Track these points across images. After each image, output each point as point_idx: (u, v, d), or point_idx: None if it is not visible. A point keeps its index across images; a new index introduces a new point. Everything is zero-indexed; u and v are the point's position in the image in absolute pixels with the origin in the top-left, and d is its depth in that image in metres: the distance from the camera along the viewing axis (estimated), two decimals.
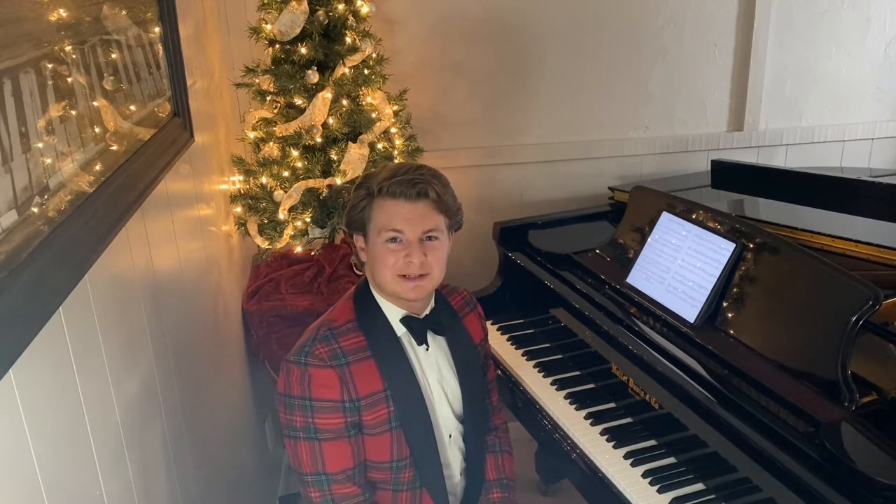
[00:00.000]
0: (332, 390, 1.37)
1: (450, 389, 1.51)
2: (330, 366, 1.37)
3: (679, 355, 1.69)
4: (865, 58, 2.86)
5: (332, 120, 2.20)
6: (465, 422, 1.54)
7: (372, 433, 1.42)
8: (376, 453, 1.44)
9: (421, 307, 1.47)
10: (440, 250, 1.41)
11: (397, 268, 1.39)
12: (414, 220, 1.37)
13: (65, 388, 1.02)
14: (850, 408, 1.41)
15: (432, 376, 1.49)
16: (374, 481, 1.48)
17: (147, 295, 1.42)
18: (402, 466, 1.45)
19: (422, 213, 1.38)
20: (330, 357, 1.37)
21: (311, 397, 1.36)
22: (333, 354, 1.38)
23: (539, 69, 2.71)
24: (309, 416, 1.37)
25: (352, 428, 1.40)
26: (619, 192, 2.44)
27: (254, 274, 2.48)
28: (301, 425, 1.38)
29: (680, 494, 1.56)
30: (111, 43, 1.29)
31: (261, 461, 2.51)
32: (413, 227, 1.37)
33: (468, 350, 1.55)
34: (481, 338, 1.61)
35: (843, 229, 1.91)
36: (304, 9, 2.12)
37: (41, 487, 0.91)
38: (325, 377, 1.37)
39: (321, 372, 1.37)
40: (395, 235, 1.38)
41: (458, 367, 1.52)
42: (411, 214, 1.37)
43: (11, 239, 0.86)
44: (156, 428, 1.43)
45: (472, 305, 1.62)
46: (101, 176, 1.18)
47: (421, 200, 1.38)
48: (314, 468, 1.39)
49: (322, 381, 1.36)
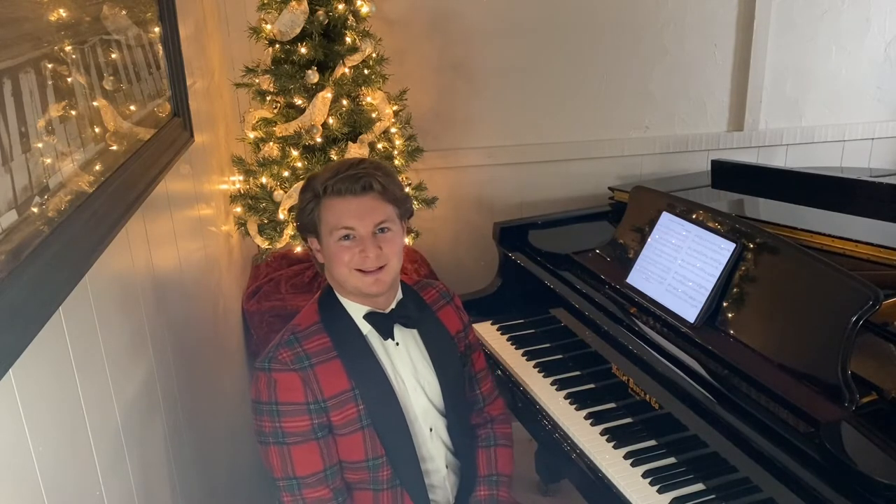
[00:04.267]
0: (295, 393, 1.38)
1: (426, 383, 1.51)
2: (293, 369, 1.38)
3: (679, 355, 1.69)
4: (865, 58, 2.86)
5: (332, 120, 2.20)
6: (448, 414, 1.53)
7: (342, 433, 1.42)
8: (350, 453, 1.44)
9: (385, 302, 1.47)
10: (394, 241, 1.41)
11: (353, 263, 1.39)
12: (364, 215, 1.37)
13: (65, 388, 1.02)
14: (850, 408, 1.41)
15: (405, 371, 1.48)
16: (352, 482, 1.47)
17: (147, 295, 1.42)
18: (378, 465, 1.45)
19: (370, 206, 1.37)
20: (293, 361, 1.38)
21: (278, 401, 1.37)
22: (297, 358, 1.39)
23: (539, 69, 2.71)
24: (276, 420, 1.38)
25: (319, 430, 1.40)
26: (619, 192, 2.44)
27: (254, 274, 2.48)
28: (269, 430, 1.39)
29: (680, 494, 1.56)
30: (111, 43, 1.29)
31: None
32: (364, 222, 1.37)
33: (443, 342, 1.54)
34: (458, 329, 1.59)
35: (843, 229, 1.91)
36: (304, 9, 2.12)
37: (41, 487, 0.91)
38: (289, 381, 1.38)
39: (285, 376, 1.38)
40: (347, 233, 1.38)
41: (434, 359, 1.51)
42: (360, 209, 1.37)
43: (11, 239, 0.86)
44: (156, 428, 1.43)
45: (447, 298, 1.61)
46: (101, 176, 1.18)
47: (367, 194, 1.37)
48: (284, 472, 1.40)
49: (286, 385, 1.37)
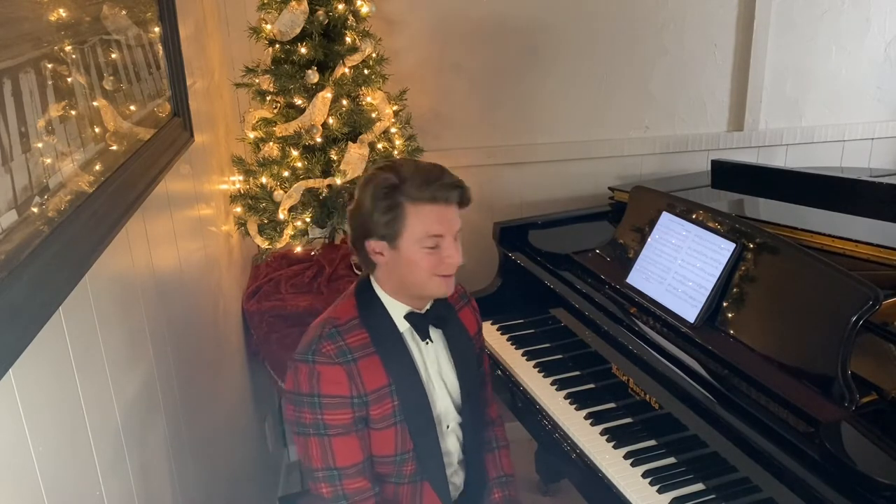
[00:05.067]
0: (340, 386, 1.40)
1: (449, 381, 1.55)
2: (338, 363, 1.40)
3: (679, 355, 1.69)
4: (865, 58, 2.86)
5: (332, 120, 2.20)
6: (463, 412, 1.57)
7: (377, 427, 1.45)
8: (381, 448, 1.47)
9: (423, 303, 1.50)
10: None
11: (438, 270, 1.41)
12: (451, 222, 1.41)
13: (65, 388, 1.02)
14: (850, 408, 1.41)
15: (433, 369, 1.52)
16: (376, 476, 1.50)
17: (147, 295, 1.42)
18: (405, 460, 1.49)
19: (454, 214, 1.42)
20: (337, 354, 1.40)
21: (320, 394, 1.39)
22: (340, 351, 1.41)
23: (539, 69, 2.71)
24: (318, 412, 1.40)
25: (359, 422, 1.43)
26: (619, 192, 2.44)
27: (254, 274, 2.48)
28: (310, 421, 1.40)
29: (680, 494, 1.56)
30: (111, 43, 1.29)
31: (261, 461, 2.51)
32: (451, 229, 1.41)
33: (465, 342, 1.58)
34: (475, 330, 1.64)
35: (843, 229, 1.91)
36: (304, 9, 2.12)
37: (41, 487, 0.91)
38: (334, 374, 1.40)
39: (329, 369, 1.39)
40: (436, 241, 1.39)
41: (456, 359, 1.55)
42: (449, 217, 1.40)
43: (11, 239, 0.86)
44: (156, 428, 1.43)
45: (466, 299, 1.65)
46: (101, 176, 1.18)
47: (454, 202, 1.41)
48: (325, 463, 1.42)
49: (331, 378, 1.39)
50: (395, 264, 1.43)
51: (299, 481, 2.80)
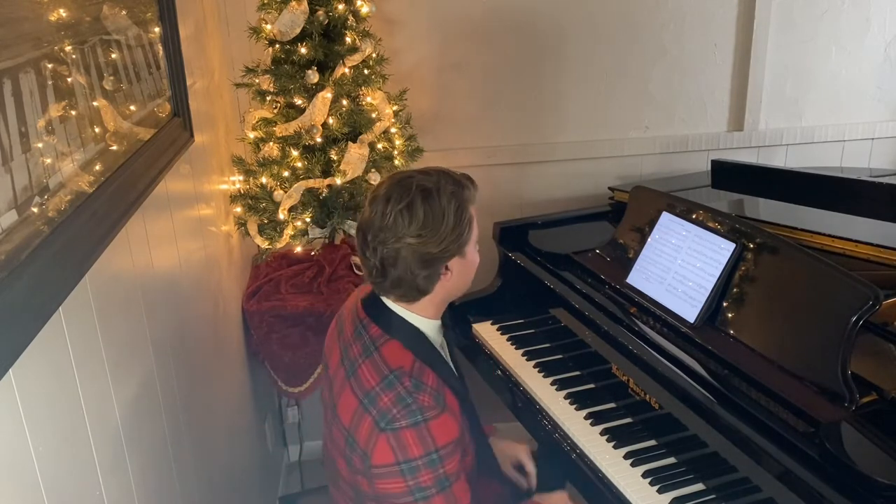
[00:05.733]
0: (451, 431, 1.32)
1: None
2: (441, 409, 1.31)
3: (679, 355, 1.69)
4: (865, 58, 2.86)
5: (332, 120, 2.20)
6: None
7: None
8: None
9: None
10: None
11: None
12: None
13: (65, 388, 1.02)
14: (850, 408, 1.41)
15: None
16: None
17: (147, 295, 1.42)
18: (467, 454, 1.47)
19: None
20: (435, 401, 1.31)
21: (437, 448, 1.29)
22: (435, 397, 1.31)
23: (539, 69, 2.71)
24: (440, 467, 1.30)
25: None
26: (619, 192, 2.44)
27: (254, 274, 2.48)
28: (433, 482, 1.29)
29: (680, 494, 1.56)
30: (111, 43, 1.29)
31: (261, 461, 2.51)
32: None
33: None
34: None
35: (843, 229, 1.91)
36: (304, 9, 2.12)
37: (41, 487, 0.91)
38: (443, 422, 1.31)
39: (437, 420, 1.30)
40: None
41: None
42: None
43: (11, 239, 0.86)
44: (156, 428, 1.43)
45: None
46: (101, 176, 1.18)
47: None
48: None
49: (442, 428, 1.30)
50: (461, 276, 1.39)
51: (299, 481, 2.80)
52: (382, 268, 1.33)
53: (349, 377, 1.37)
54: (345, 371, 1.39)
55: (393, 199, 1.30)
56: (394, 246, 1.30)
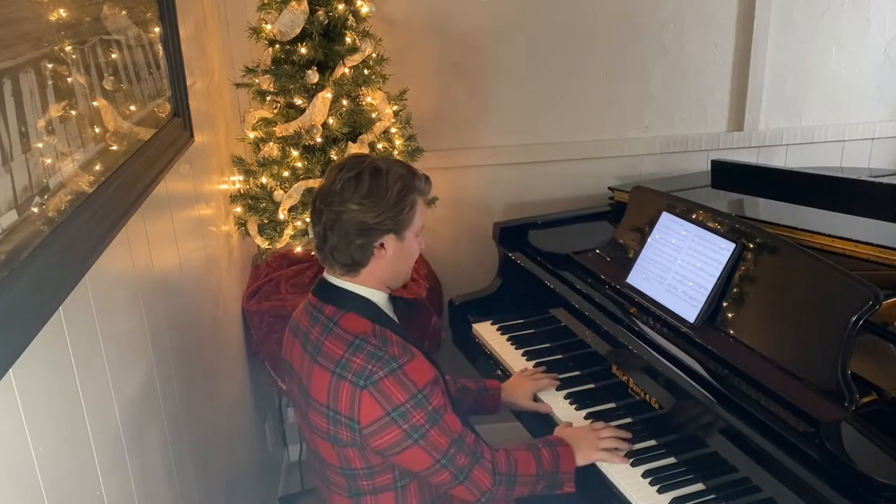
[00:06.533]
0: (427, 371, 1.43)
1: None
2: (411, 356, 1.42)
3: (679, 355, 1.69)
4: (865, 58, 2.86)
5: (332, 120, 2.20)
6: None
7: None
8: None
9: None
10: None
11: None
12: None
13: (65, 388, 1.02)
14: (850, 408, 1.41)
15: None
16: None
17: (147, 295, 1.42)
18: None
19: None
20: (403, 351, 1.42)
21: (419, 389, 1.40)
22: (403, 348, 1.42)
23: (539, 69, 2.71)
24: (427, 405, 1.40)
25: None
26: (619, 192, 2.44)
27: (254, 274, 2.48)
28: (424, 419, 1.40)
29: (680, 494, 1.56)
30: (111, 43, 1.29)
31: (261, 461, 2.51)
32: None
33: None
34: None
35: (843, 229, 1.91)
36: (304, 9, 2.12)
37: (41, 487, 0.91)
38: (417, 365, 1.41)
39: (412, 364, 1.40)
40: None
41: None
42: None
43: (11, 239, 0.86)
44: (156, 428, 1.43)
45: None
46: (101, 176, 1.18)
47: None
48: (449, 439, 1.44)
49: (417, 370, 1.41)
50: (397, 258, 1.48)
51: (299, 481, 2.80)
52: (324, 233, 1.45)
53: (315, 359, 1.45)
54: (310, 357, 1.46)
55: (346, 168, 1.44)
56: (337, 209, 1.41)
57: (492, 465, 1.49)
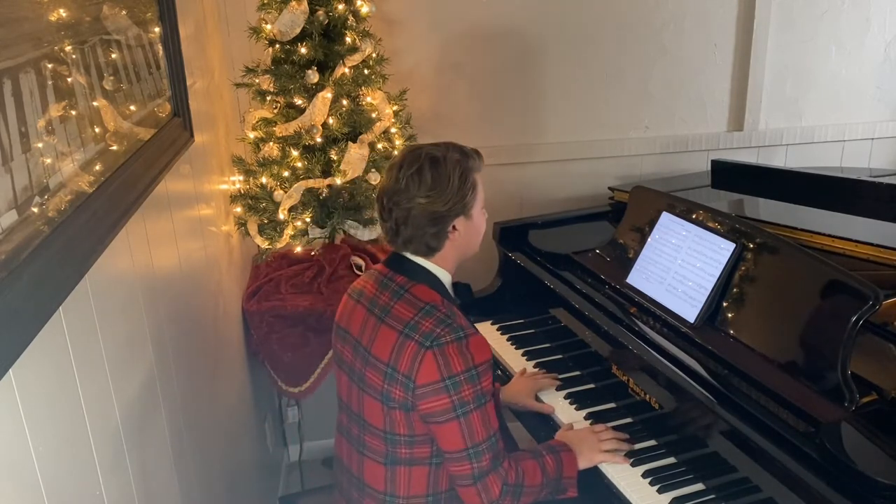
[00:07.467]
0: (486, 351, 1.46)
1: None
2: (476, 331, 1.46)
3: (679, 355, 1.69)
4: (865, 58, 2.86)
5: (332, 120, 2.20)
6: None
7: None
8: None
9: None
10: None
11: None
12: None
13: (65, 388, 1.02)
14: (850, 408, 1.41)
15: None
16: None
17: (147, 295, 1.42)
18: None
19: None
20: (469, 324, 1.46)
21: (476, 364, 1.43)
22: (469, 322, 1.46)
23: (539, 69, 2.71)
24: (478, 383, 1.43)
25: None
26: (619, 192, 2.44)
27: (254, 274, 2.48)
28: (472, 397, 1.42)
29: (680, 494, 1.56)
30: (111, 43, 1.29)
31: (261, 461, 2.51)
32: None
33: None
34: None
35: (843, 229, 1.91)
36: (304, 9, 2.12)
37: (41, 487, 0.91)
38: (480, 341, 1.45)
39: (475, 338, 1.44)
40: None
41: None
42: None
43: (11, 239, 0.86)
44: (156, 428, 1.43)
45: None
46: (101, 176, 1.18)
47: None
48: (487, 432, 1.46)
49: (479, 346, 1.44)
50: (469, 236, 1.54)
51: (299, 481, 2.80)
52: (396, 228, 1.50)
53: (383, 319, 1.49)
54: (376, 318, 1.50)
55: (405, 165, 1.48)
56: (406, 206, 1.46)
57: (504, 475, 1.49)
